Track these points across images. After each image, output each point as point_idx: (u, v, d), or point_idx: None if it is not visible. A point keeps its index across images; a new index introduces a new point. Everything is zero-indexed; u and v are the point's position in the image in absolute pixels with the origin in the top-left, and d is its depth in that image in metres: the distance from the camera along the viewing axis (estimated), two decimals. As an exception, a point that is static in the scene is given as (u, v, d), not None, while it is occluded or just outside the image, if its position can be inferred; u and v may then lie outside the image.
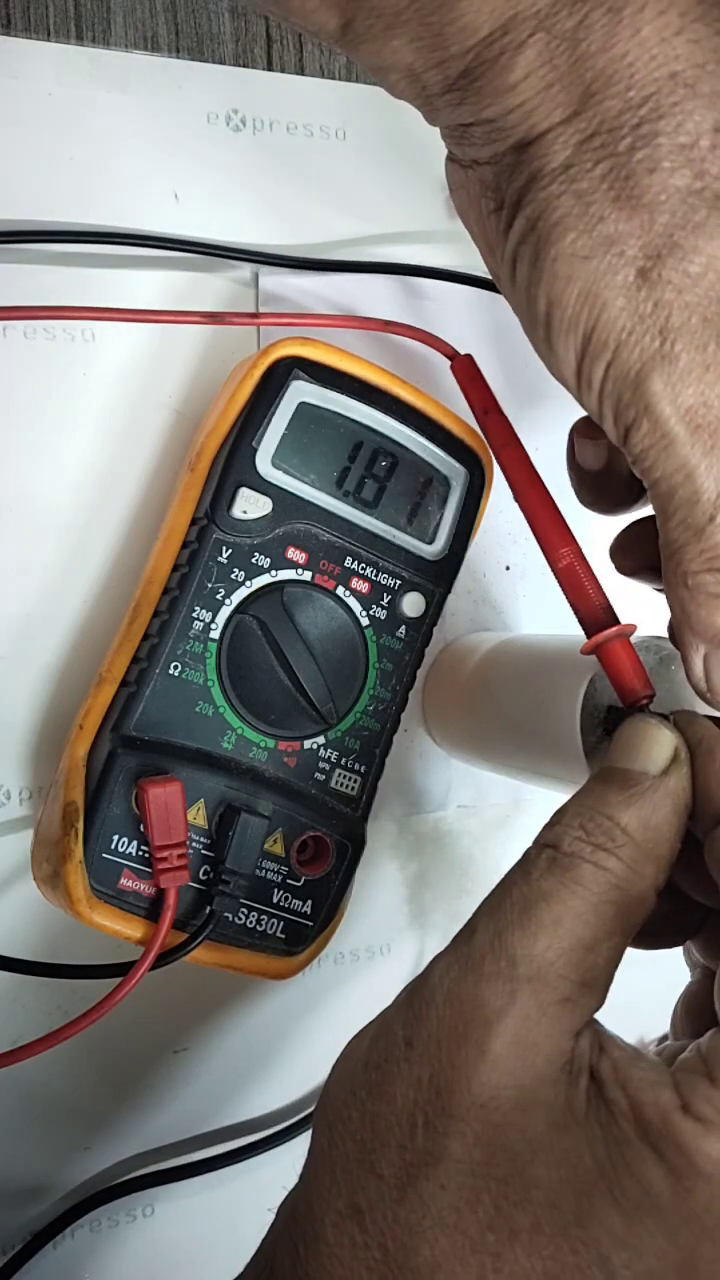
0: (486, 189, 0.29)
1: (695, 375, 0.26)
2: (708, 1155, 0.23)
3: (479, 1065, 0.24)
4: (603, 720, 0.36)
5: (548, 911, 0.25)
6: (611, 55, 0.26)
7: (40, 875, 0.36)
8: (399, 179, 0.44)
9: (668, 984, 0.31)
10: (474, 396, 0.37)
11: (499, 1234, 0.23)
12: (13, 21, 0.39)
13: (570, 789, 0.38)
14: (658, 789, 0.27)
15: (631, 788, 0.27)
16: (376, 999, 0.41)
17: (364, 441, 0.38)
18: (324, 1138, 0.26)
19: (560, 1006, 0.25)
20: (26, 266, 0.38)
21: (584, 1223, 0.23)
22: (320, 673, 0.37)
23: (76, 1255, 0.40)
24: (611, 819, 0.27)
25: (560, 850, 0.26)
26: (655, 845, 0.27)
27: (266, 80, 0.42)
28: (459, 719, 0.44)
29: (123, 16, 0.40)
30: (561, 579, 0.33)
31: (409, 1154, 0.24)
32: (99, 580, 0.39)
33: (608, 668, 0.32)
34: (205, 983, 0.40)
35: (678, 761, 0.28)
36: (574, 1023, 0.25)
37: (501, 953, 0.25)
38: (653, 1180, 0.23)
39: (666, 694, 0.37)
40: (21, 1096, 0.39)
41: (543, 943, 0.25)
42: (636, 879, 0.26)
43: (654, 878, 0.27)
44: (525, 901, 0.26)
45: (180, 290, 0.40)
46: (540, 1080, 0.24)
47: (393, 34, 0.27)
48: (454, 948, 0.27)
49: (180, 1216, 0.42)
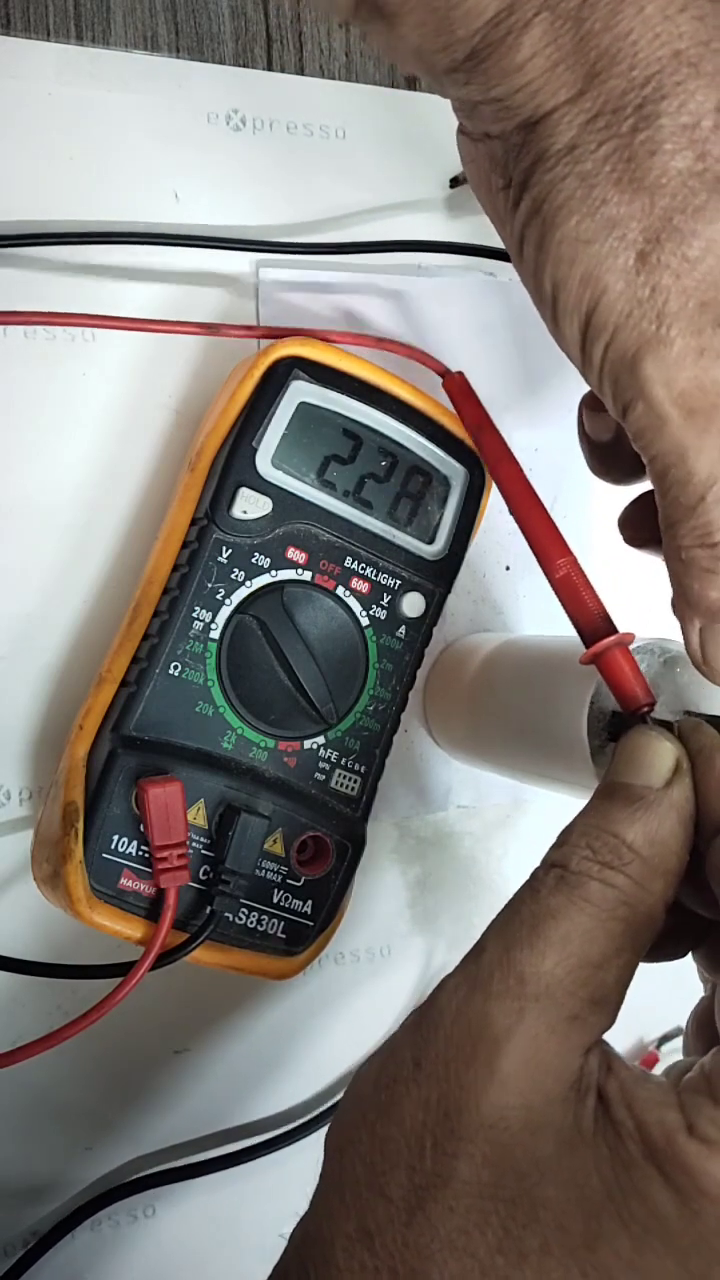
0: (495, 165, 0.29)
1: (690, 360, 0.26)
2: (713, 1177, 0.22)
3: (487, 1086, 0.24)
4: (609, 724, 0.36)
5: (556, 929, 0.25)
6: (615, 33, 0.26)
7: (40, 875, 0.36)
8: (399, 179, 0.44)
9: (667, 986, 0.31)
10: (467, 413, 0.37)
11: (508, 1256, 0.23)
12: (13, 21, 0.39)
13: (575, 791, 0.38)
14: (661, 803, 0.27)
15: (635, 803, 0.27)
16: (377, 1000, 0.41)
17: (364, 441, 0.38)
18: (334, 1161, 0.26)
19: (569, 1024, 0.25)
20: (26, 271, 0.38)
21: (593, 1245, 0.23)
22: (320, 673, 0.37)
23: (78, 1256, 0.40)
24: (618, 836, 0.26)
25: (568, 869, 0.26)
26: (662, 860, 0.26)
27: (266, 80, 0.42)
28: (460, 720, 0.43)
29: (123, 16, 0.40)
30: (559, 590, 0.33)
31: (418, 1176, 0.24)
32: (99, 580, 0.39)
33: (607, 677, 0.32)
34: (205, 983, 0.40)
35: (680, 772, 0.28)
36: (583, 1041, 0.25)
37: (509, 971, 0.25)
38: (660, 1203, 0.23)
39: (672, 696, 0.37)
40: (22, 1097, 0.39)
41: (551, 960, 0.25)
42: (644, 895, 0.26)
43: (662, 893, 0.26)
44: (533, 919, 0.26)
45: (180, 295, 0.40)
46: (549, 1100, 0.24)
47: (399, 18, 0.27)
48: (462, 967, 0.26)
49: (182, 1218, 0.42)
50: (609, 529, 0.35)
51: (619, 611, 0.33)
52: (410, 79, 0.45)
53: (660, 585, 0.30)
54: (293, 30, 0.43)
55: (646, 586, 0.33)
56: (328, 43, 0.44)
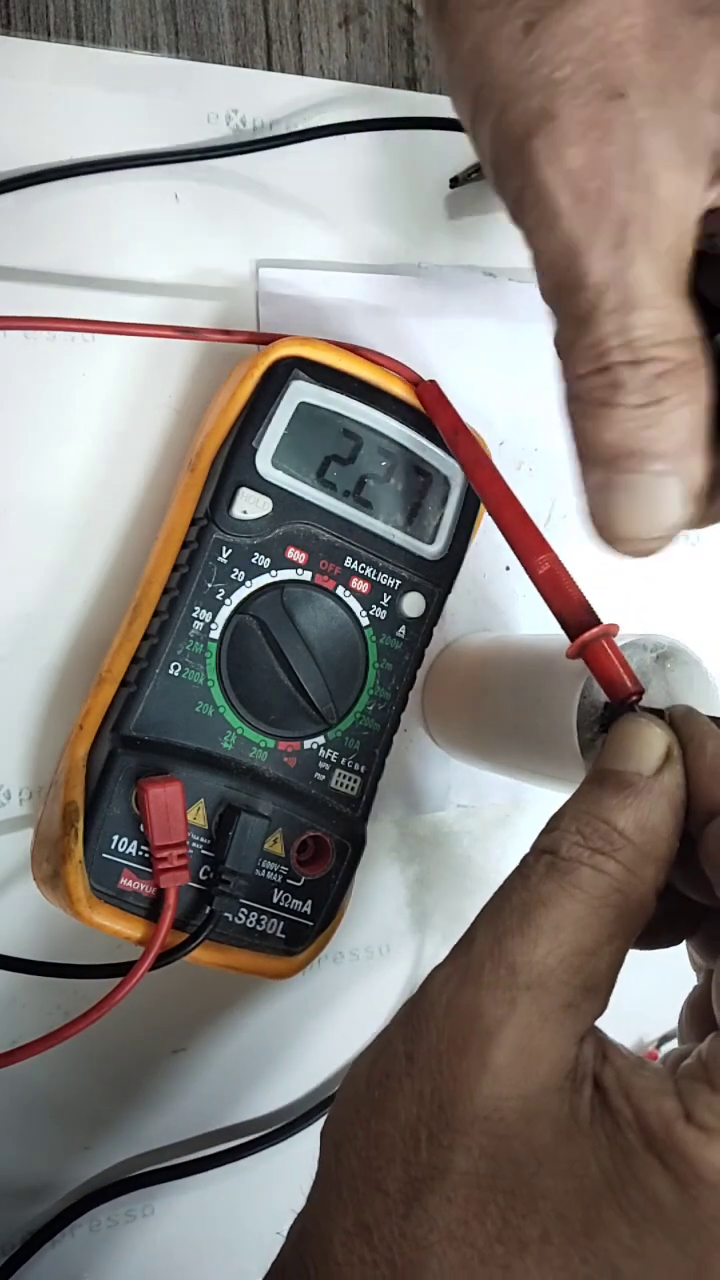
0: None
1: (577, 134, 0.24)
2: (711, 1164, 0.23)
3: (481, 1077, 0.24)
4: (599, 718, 0.36)
5: (547, 916, 0.25)
6: None
7: (40, 875, 0.36)
8: (399, 179, 0.44)
9: (667, 985, 0.31)
10: (442, 420, 0.38)
11: (508, 1245, 0.23)
12: (13, 21, 0.39)
13: (568, 787, 0.38)
14: (652, 789, 0.27)
15: (626, 789, 0.27)
16: (377, 999, 0.41)
17: (364, 441, 0.38)
18: (330, 1157, 0.26)
19: (562, 1013, 0.25)
20: (26, 270, 0.38)
21: (593, 1233, 0.23)
22: (320, 673, 0.37)
23: (76, 1255, 0.40)
24: (608, 822, 0.26)
25: (558, 855, 0.26)
26: (653, 846, 0.26)
27: (266, 80, 0.42)
28: (458, 719, 0.44)
29: (122, 16, 0.40)
30: (541, 585, 0.33)
31: (414, 1169, 0.24)
32: (99, 580, 0.39)
33: (594, 668, 0.32)
34: (205, 983, 0.40)
35: (671, 760, 0.27)
36: (577, 1029, 0.25)
37: (500, 960, 0.25)
38: (659, 1190, 0.23)
39: (662, 692, 0.37)
40: (21, 1096, 0.39)
41: (543, 948, 0.25)
42: (636, 881, 0.26)
43: (654, 879, 0.26)
44: (524, 907, 0.25)
45: (180, 296, 0.40)
46: (544, 1089, 0.24)
47: None
48: (453, 958, 0.26)
49: (179, 1216, 0.42)
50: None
51: (620, 616, 0.33)
52: (410, 79, 0.45)
53: (659, 586, 0.30)
54: (293, 30, 0.43)
55: (644, 590, 0.34)
56: (328, 43, 0.44)
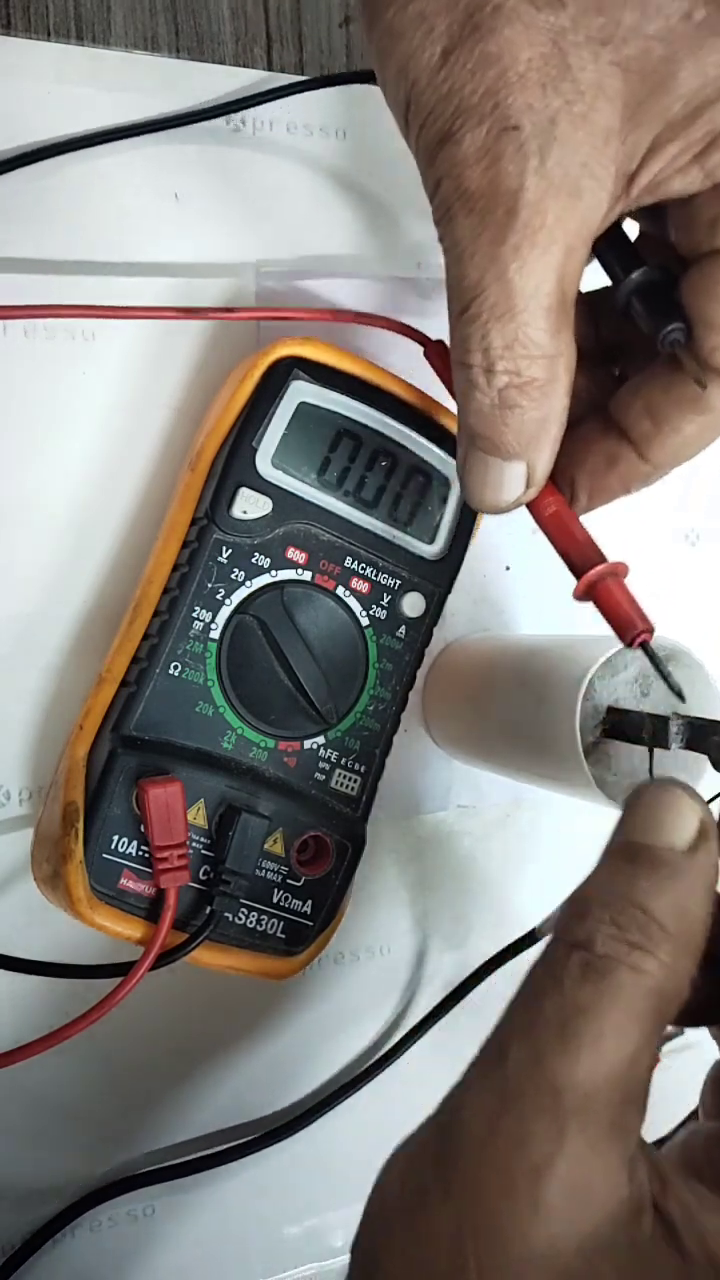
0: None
1: (474, 158, 0.27)
2: None
3: (534, 1218, 0.22)
4: (601, 721, 0.36)
5: (587, 1028, 0.23)
6: None
7: (40, 875, 0.36)
8: (399, 179, 0.44)
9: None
10: (449, 379, 0.37)
11: None
12: (13, 21, 0.39)
13: (571, 790, 0.38)
14: (690, 869, 0.24)
15: (661, 869, 0.24)
16: (376, 999, 0.41)
17: (364, 441, 0.38)
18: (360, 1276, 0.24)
19: (610, 1137, 0.23)
20: (26, 271, 0.38)
21: None
22: (320, 673, 0.37)
23: (76, 1254, 0.40)
24: (645, 910, 0.24)
25: (594, 952, 0.23)
26: (691, 935, 0.24)
27: (266, 80, 0.42)
28: (459, 719, 0.44)
29: (123, 16, 0.40)
30: (547, 527, 0.32)
31: None
32: (99, 580, 0.39)
33: (602, 607, 0.31)
34: (205, 983, 0.40)
35: (705, 834, 0.25)
36: (625, 1151, 0.23)
37: (543, 1084, 0.23)
38: None
39: (663, 698, 0.37)
40: (21, 1096, 0.39)
41: (585, 1065, 0.23)
42: (674, 977, 0.24)
43: (689, 970, 0.24)
44: (561, 1018, 0.23)
45: (181, 296, 0.40)
46: (600, 1225, 0.22)
47: None
48: (484, 1074, 0.24)
49: (179, 1216, 0.42)
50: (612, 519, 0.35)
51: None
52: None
53: (659, 586, 0.30)
54: (293, 30, 0.43)
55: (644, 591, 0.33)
56: (328, 43, 0.44)
